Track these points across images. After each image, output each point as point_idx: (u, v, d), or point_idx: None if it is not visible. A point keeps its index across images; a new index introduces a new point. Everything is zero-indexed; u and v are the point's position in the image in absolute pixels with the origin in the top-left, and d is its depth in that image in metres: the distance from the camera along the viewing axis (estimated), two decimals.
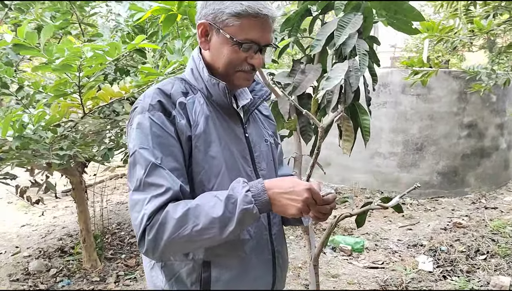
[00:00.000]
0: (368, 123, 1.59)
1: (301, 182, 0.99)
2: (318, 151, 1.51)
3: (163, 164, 1.01)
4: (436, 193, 5.81)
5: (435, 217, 5.15)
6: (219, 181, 1.09)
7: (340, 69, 1.49)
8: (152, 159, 1.00)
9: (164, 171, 1.00)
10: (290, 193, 0.97)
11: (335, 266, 3.85)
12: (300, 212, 0.96)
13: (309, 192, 0.97)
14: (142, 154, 1.01)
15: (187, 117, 1.09)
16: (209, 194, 1.01)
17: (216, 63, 1.14)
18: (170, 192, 0.98)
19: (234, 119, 1.20)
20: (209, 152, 1.09)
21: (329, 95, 1.54)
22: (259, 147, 1.24)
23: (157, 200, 0.97)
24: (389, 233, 4.70)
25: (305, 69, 1.75)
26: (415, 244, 4.33)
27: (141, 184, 1.00)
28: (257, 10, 1.05)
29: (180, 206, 0.97)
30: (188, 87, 1.16)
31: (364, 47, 1.56)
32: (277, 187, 0.98)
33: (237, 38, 1.07)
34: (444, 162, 5.76)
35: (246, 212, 0.95)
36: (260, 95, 1.26)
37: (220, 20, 1.08)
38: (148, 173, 0.99)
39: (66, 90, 2.46)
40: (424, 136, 5.72)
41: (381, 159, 5.85)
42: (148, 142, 1.02)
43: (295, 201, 0.96)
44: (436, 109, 5.66)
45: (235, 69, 1.12)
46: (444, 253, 3.99)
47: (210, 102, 1.16)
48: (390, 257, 4.09)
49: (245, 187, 0.98)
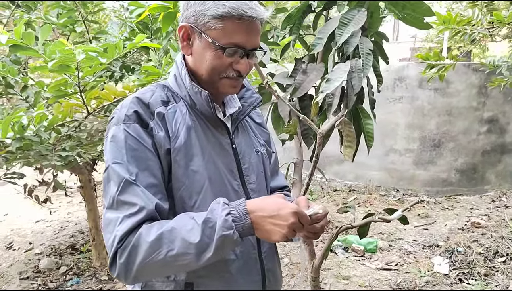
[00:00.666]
0: (371, 128, 1.48)
1: (286, 204, 0.89)
2: (317, 159, 1.41)
3: (138, 180, 0.94)
4: (454, 190, 5.62)
5: (452, 216, 4.98)
6: (202, 198, 1.01)
7: (341, 71, 1.39)
8: (125, 175, 0.93)
9: (139, 188, 0.93)
10: (274, 217, 0.88)
11: (347, 268, 3.75)
12: (285, 238, 0.88)
13: (295, 215, 0.88)
14: (115, 169, 0.94)
15: (166, 128, 1.01)
16: (186, 215, 0.93)
17: (199, 70, 1.06)
18: (144, 212, 0.91)
19: (220, 129, 1.12)
20: (190, 166, 1.01)
21: (330, 98, 1.44)
22: (248, 158, 1.15)
23: (130, 220, 0.90)
24: (404, 233, 4.56)
25: (306, 69, 1.65)
26: (430, 245, 4.19)
27: (114, 202, 0.93)
28: (241, 11, 0.97)
29: (154, 228, 0.89)
30: (170, 95, 1.08)
31: (368, 46, 1.45)
32: (260, 210, 0.89)
33: (220, 43, 0.98)
34: (463, 159, 5.56)
35: (226, 238, 0.87)
36: (250, 102, 1.17)
37: (202, 23, 0.99)
38: (121, 191, 0.92)
39: (67, 90, 2.42)
40: (442, 132, 5.53)
41: (396, 156, 5.68)
42: (122, 156, 0.95)
43: (280, 226, 0.87)
44: (454, 104, 5.46)
45: (219, 76, 1.04)
46: (461, 254, 3.84)
47: (193, 111, 1.08)
48: (404, 258, 3.96)
49: (225, 210, 0.89)
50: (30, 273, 3.81)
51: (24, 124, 2.18)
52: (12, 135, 2.23)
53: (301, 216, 0.89)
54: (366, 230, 1.44)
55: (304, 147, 1.77)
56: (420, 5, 1.46)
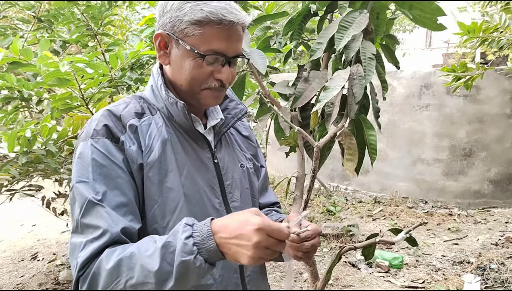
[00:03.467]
0: (374, 140, 1.35)
1: (249, 221, 0.76)
2: (314, 174, 1.30)
3: (106, 199, 0.86)
4: (487, 203, 5.30)
5: (485, 230, 4.68)
6: (176, 218, 0.92)
7: (341, 78, 1.28)
8: (89, 195, 0.86)
9: (103, 209, 0.85)
10: (237, 237, 0.75)
11: (370, 284, 3.57)
12: (255, 260, 0.75)
13: (260, 233, 0.74)
14: (79, 189, 0.87)
15: (138, 142, 0.93)
16: (150, 238, 0.84)
17: (178, 80, 0.98)
18: (107, 235, 0.83)
19: (201, 143, 1.03)
20: (164, 182, 0.93)
21: (329, 108, 1.32)
22: (231, 174, 1.06)
23: (92, 246, 0.83)
24: (433, 248, 4.32)
25: (308, 77, 1.54)
26: (461, 261, 3.93)
27: (78, 225, 0.86)
28: (221, 16, 0.89)
29: (114, 254, 0.81)
30: (146, 107, 1.01)
31: (370, 50, 1.33)
32: (223, 230, 0.77)
33: (199, 50, 0.91)
34: (496, 169, 5.24)
35: (188, 264, 0.76)
36: (234, 114, 1.09)
37: (179, 30, 0.92)
38: (84, 212, 0.85)
39: (73, 103, 2.41)
40: (473, 141, 5.24)
41: (424, 166, 5.43)
42: (88, 174, 0.88)
43: (245, 247, 0.74)
44: (486, 111, 5.17)
45: (201, 86, 0.96)
46: (494, 272, 3.58)
47: (171, 123, 1.00)
48: (432, 275, 3.73)
49: (185, 232, 0.78)
50: (49, 285, 3.83)
51: (28, 137, 2.18)
52: (19, 150, 2.23)
53: (271, 231, 0.75)
54: (371, 251, 1.31)
55: (305, 160, 1.66)
56: (428, 5, 1.33)
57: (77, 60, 1.73)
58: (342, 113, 1.35)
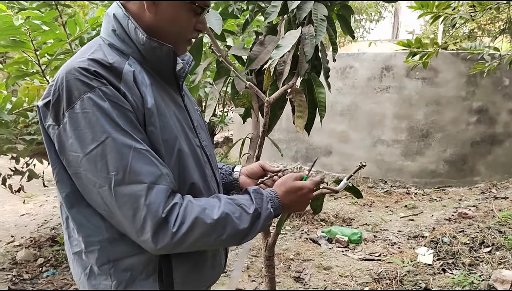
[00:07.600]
0: (323, 97, 1.40)
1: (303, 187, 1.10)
2: (265, 128, 1.33)
3: (145, 146, 0.88)
4: (443, 182, 5.55)
5: (440, 207, 4.91)
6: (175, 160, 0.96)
7: (292, 37, 1.32)
8: (132, 142, 0.85)
9: (149, 154, 0.87)
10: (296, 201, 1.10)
11: (329, 258, 3.68)
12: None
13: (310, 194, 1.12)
14: (116, 139, 0.84)
15: (134, 90, 0.91)
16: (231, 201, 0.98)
17: (163, 30, 0.97)
18: (166, 178, 0.88)
19: (173, 86, 1.07)
20: (164, 127, 0.95)
21: (281, 66, 1.36)
22: (195, 116, 1.13)
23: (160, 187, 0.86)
24: (390, 224, 4.49)
25: (264, 41, 1.57)
26: (416, 236, 4.12)
27: (126, 175, 0.84)
28: None
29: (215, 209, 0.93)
30: (118, 53, 0.96)
31: (322, 12, 1.37)
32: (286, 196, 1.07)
33: (198, 2, 0.97)
34: (452, 150, 5.49)
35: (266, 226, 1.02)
36: (187, 60, 1.12)
37: None
38: (132, 160, 0.84)
39: (28, 70, 2.34)
40: (430, 123, 5.45)
41: (384, 147, 5.61)
42: (115, 124, 0.85)
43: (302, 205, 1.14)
44: (443, 94, 5.39)
45: (187, 37, 1.03)
46: (446, 245, 3.77)
47: (144, 68, 0.98)
48: (388, 248, 3.89)
49: (268, 202, 1.01)
50: (7, 265, 3.73)
51: None
52: None
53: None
54: (319, 203, 1.37)
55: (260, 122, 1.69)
56: None
57: (33, 17, 1.67)
58: (294, 72, 1.39)
